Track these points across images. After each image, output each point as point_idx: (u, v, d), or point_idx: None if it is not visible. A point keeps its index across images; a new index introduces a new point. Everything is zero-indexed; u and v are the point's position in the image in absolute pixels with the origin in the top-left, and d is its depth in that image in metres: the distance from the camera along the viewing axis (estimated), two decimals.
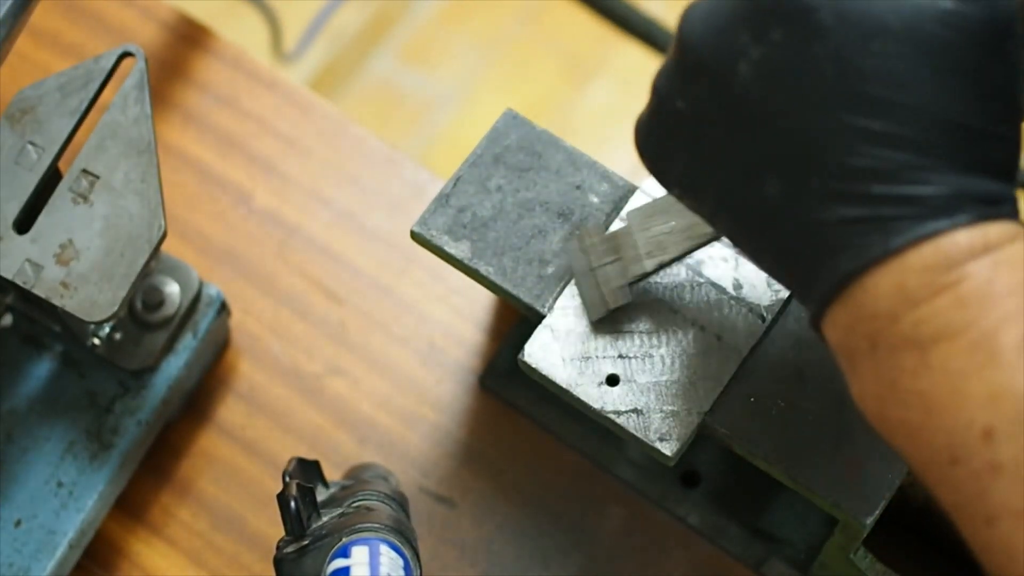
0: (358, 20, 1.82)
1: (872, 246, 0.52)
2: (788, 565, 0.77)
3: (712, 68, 0.54)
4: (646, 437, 0.66)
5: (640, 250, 0.67)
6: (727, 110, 0.54)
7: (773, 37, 0.52)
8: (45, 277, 0.71)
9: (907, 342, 0.51)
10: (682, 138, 0.56)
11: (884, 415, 0.53)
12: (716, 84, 0.54)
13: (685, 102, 0.55)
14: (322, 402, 0.82)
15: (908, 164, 0.51)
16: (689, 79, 0.55)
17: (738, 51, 0.53)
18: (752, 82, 0.53)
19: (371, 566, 0.65)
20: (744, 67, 0.53)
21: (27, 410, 0.78)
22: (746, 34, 0.53)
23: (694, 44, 0.55)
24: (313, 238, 0.86)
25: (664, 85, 0.57)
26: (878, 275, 0.52)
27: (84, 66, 0.73)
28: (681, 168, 0.57)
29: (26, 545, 0.75)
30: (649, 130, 0.58)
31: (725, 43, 0.54)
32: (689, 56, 0.55)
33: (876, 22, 0.51)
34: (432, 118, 1.78)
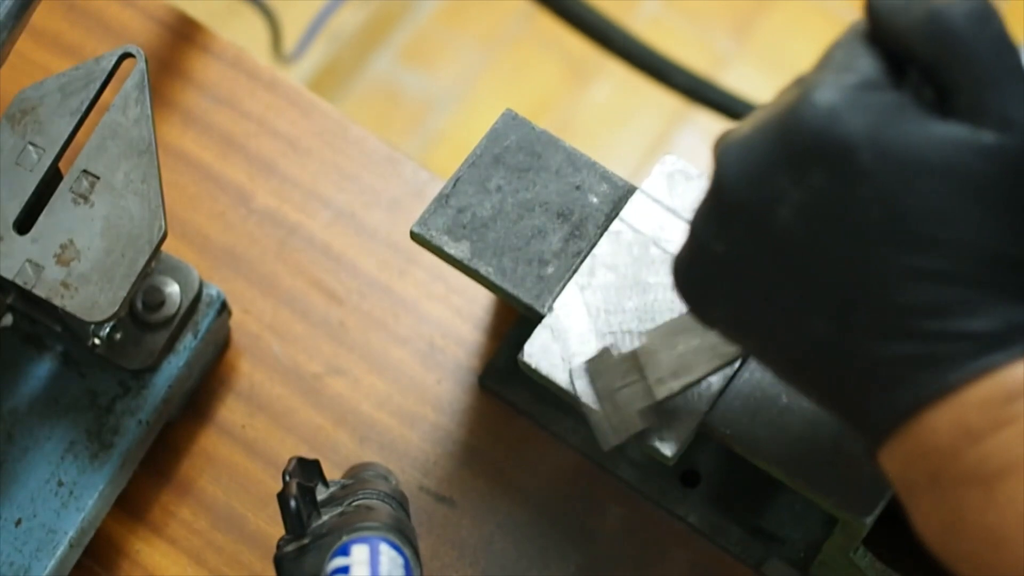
0: (358, 20, 1.82)
1: (929, 383, 0.51)
2: (788, 565, 0.77)
3: (751, 212, 0.53)
4: (646, 437, 0.66)
5: (664, 371, 0.65)
6: (769, 253, 0.53)
7: (813, 181, 0.52)
8: (46, 277, 0.71)
9: (971, 478, 0.51)
10: (723, 280, 0.55)
11: (949, 548, 0.52)
12: (755, 228, 0.53)
13: (724, 245, 0.54)
14: (322, 402, 0.82)
15: (959, 299, 0.51)
16: (727, 223, 0.54)
17: (777, 195, 0.52)
18: (793, 226, 0.52)
19: (371, 565, 0.65)
20: (784, 211, 0.52)
21: (28, 410, 0.78)
22: (784, 178, 0.52)
23: (731, 188, 0.53)
24: (313, 238, 0.86)
25: (701, 227, 0.55)
26: (937, 411, 0.51)
27: (85, 67, 0.73)
28: (723, 309, 0.56)
29: (26, 544, 0.75)
30: (689, 271, 0.57)
31: (763, 187, 0.53)
32: (726, 200, 0.54)
33: (918, 161, 0.51)
34: (432, 118, 1.78)
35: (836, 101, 0.51)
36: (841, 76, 0.52)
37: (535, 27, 1.81)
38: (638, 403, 0.65)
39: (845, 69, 0.52)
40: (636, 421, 0.65)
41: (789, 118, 0.52)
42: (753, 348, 0.57)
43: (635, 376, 0.66)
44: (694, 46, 1.82)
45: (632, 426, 0.65)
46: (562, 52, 1.80)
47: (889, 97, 0.52)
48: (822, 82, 0.52)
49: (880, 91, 0.52)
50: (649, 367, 0.65)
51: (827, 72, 0.52)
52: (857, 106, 0.51)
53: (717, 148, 0.55)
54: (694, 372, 0.65)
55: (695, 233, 0.56)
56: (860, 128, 0.51)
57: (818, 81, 0.52)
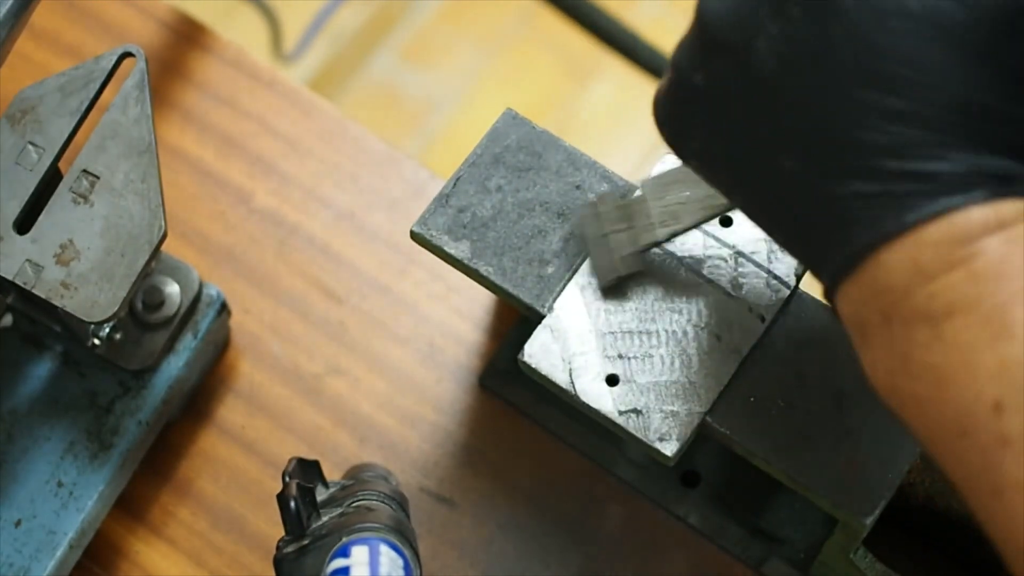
0: (358, 20, 1.82)
1: (886, 221, 0.52)
2: (788, 565, 0.77)
3: (730, 43, 0.54)
4: (646, 437, 0.66)
5: (654, 219, 0.68)
6: (745, 85, 0.54)
7: (791, 13, 0.53)
8: (45, 277, 0.71)
9: (920, 316, 0.52)
10: (700, 112, 0.57)
11: (895, 388, 0.53)
12: (734, 59, 0.54)
13: (703, 77, 0.56)
14: (322, 402, 0.82)
15: (923, 141, 0.52)
16: (707, 54, 0.55)
17: (756, 27, 0.54)
18: (769, 58, 0.53)
19: (371, 566, 0.65)
20: (762, 43, 0.54)
21: (27, 410, 0.78)
22: (764, 9, 0.53)
23: (712, 19, 0.55)
24: (313, 238, 0.86)
25: (682, 60, 0.57)
26: (892, 250, 0.52)
27: (84, 66, 0.73)
28: (699, 141, 0.58)
29: (26, 545, 0.75)
30: (668, 104, 0.58)
31: (743, 19, 0.54)
32: (707, 31, 0.55)
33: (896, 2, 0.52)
34: (432, 118, 1.78)
35: None
36: None
37: (535, 27, 1.81)
38: (626, 248, 0.68)
39: None
40: (630, 262, 0.68)
41: None
42: (725, 183, 0.58)
43: (626, 223, 0.68)
44: None
45: (626, 266, 0.68)
46: (562, 52, 1.80)
47: None
48: None
49: None
50: (639, 215, 0.68)
51: None
52: None
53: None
54: (681, 222, 0.67)
55: (676, 65, 0.57)
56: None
57: None
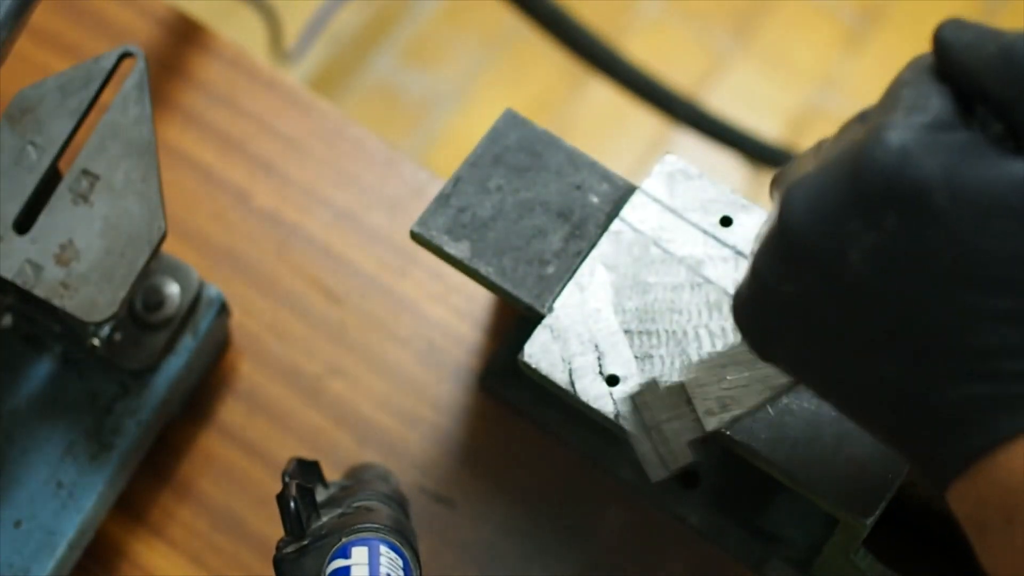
0: (358, 20, 1.82)
1: (1004, 425, 0.51)
2: (788, 565, 0.77)
3: (821, 256, 0.52)
4: None
5: (700, 408, 0.64)
6: (839, 297, 0.52)
7: (886, 224, 0.51)
8: (45, 277, 0.71)
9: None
10: (790, 320, 0.55)
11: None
12: (826, 272, 0.52)
13: (792, 288, 0.54)
14: (322, 402, 0.82)
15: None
16: (795, 266, 0.53)
17: (848, 239, 0.51)
18: (866, 270, 0.51)
19: (371, 566, 0.65)
20: (856, 255, 0.51)
21: (27, 410, 0.78)
22: (856, 221, 0.51)
23: (799, 232, 0.52)
24: (313, 238, 0.86)
25: (767, 269, 0.54)
26: (1012, 451, 0.51)
27: (84, 66, 0.73)
28: (789, 349, 0.56)
29: (26, 546, 0.75)
30: (752, 311, 0.56)
31: (834, 231, 0.52)
32: (794, 243, 0.53)
33: (992, 201, 0.50)
34: (432, 118, 1.78)
35: (908, 142, 0.50)
36: (912, 116, 0.51)
37: (535, 27, 1.81)
38: (687, 435, 0.65)
39: (915, 108, 0.51)
40: (686, 453, 0.65)
41: (860, 159, 0.51)
42: (817, 387, 0.56)
43: (683, 408, 0.65)
44: (694, 46, 1.82)
45: (681, 458, 0.65)
46: (562, 52, 1.80)
47: (961, 136, 0.51)
48: (893, 123, 0.51)
49: (952, 131, 0.51)
50: (698, 399, 0.65)
51: (897, 111, 0.52)
52: (930, 147, 0.50)
53: (779, 187, 0.54)
54: (744, 403, 0.64)
55: (759, 274, 0.55)
56: (933, 169, 0.50)
57: (889, 121, 0.51)
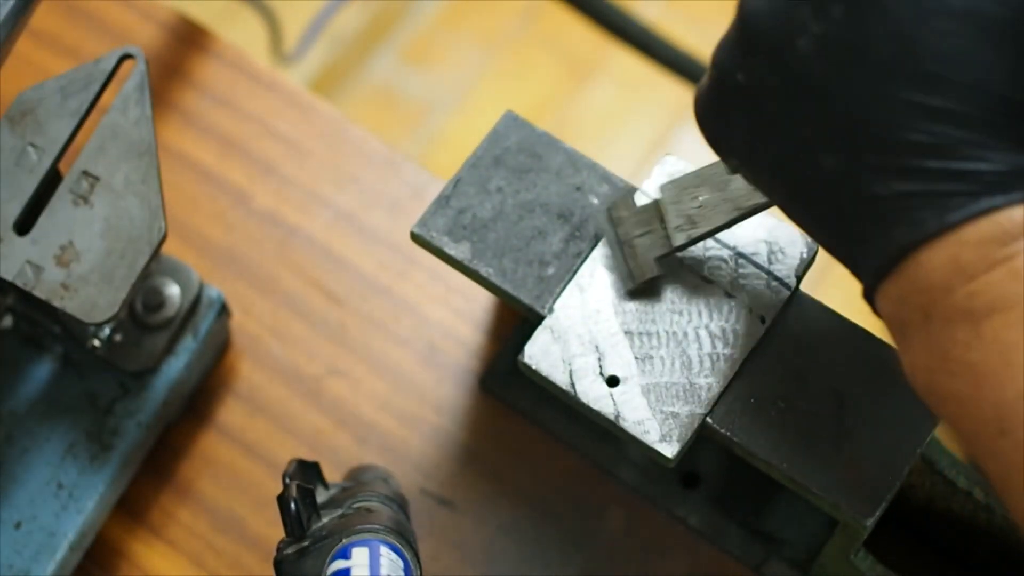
0: (358, 21, 1.82)
1: (928, 221, 0.52)
2: (788, 566, 0.77)
3: (772, 43, 0.55)
4: (646, 438, 0.66)
5: (671, 224, 0.68)
6: (786, 84, 0.55)
7: (833, 13, 0.53)
8: (45, 279, 0.71)
9: (960, 314, 0.52)
10: (741, 110, 0.57)
11: (934, 387, 0.53)
12: (775, 58, 0.55)
13: (744, 75, 0.56)
14: (322, 403, 0.82)
15: (965, 140, 0.52)
16: (748, 52, 0.56)
17: (798, 26, 0.54)
18: (811, 58, 0.54)
19: (371, 567, 0.65)
20: (803, 42, 0.54)
21: (27, 412, 0.78)
22: (806, 9, 0.53)
23: (754, 18, 0.55)
24: (313, 239, 0.86)
25: (724, 58, 0.57)
26: (933, 249, 0.52)
27: (85, 68, 0.73)
28: (739, 139, 0.58)
29: (26, 547, 0.75)
30: (708, 101, 0.59)
31: (785, 18, 0.54)
32: (749, 30, 0.55)
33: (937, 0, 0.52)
34: (432, 119, 1.78)
35: None
36: None
37: (535, 27, 1.81)
38: (656, 250, 0.68)
39: None
40: (653, 266, 0.68)
41: None
42: (763, 181, 0.59)
43: (655, 224, 0.68)
44: (694, 46, 1.82)
45: (648, 271, 0.68)
46: (562, 52, 1.80)
47: None
48: None
49: None
50: (668, 216, 0.68)
51: None
52: None
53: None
54: (712, 222, 0.67)
55: (717, 63, 0.57)
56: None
57: None
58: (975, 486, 0.70)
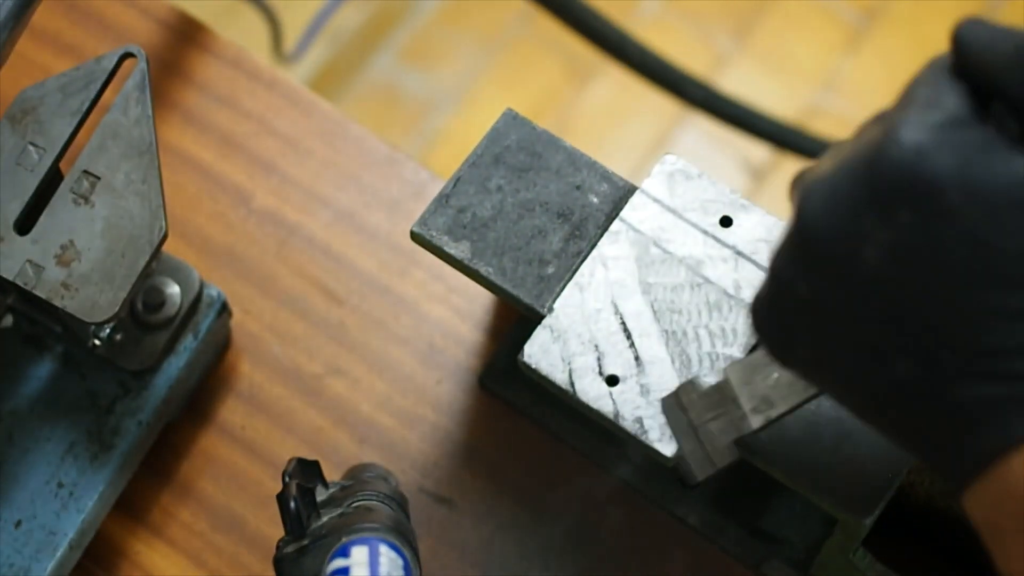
0: (358, 20, 1.82)
1: (1017, 425, 0.50)
2: (788, 565, 0.77)
3: (836, 254, 0.52)
4: (646, 438, 0.67)
5: (746, 406, 0.64)
6: (854, 295, 0.53)
7: (900, 220, 0.51)
8: (46, 278, 0.71)
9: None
10: (806, 321, 0.55)
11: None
12: (841, 270, 0.52)
13: (808, 287, 0.54)
14: (322, 402, 0.82)
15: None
16: (811, 265, 0.53)
17: (863, 236, 0.52)
18: (880, 267, 0.52)
19: (371, 566, 0.65)
20: (871, 252, 0.52)
21: (28, 411, 0.78)
22: (871, 218, 0.51)
23: (815, 229, 0.53)
24: (313, 238, 0.86)
25: (784, 269, 0.55)
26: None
27: (85, 67, 0.73)
28: (805, 350, 0.56)
29: (26, 546, 0.75)
30: (769, 312, 0.56)
31: (849, 228, 0.52)
32: (811, 242, 0.53)
33: (1006, 198, 0.50)
34: (432, 118, 1.78)
35: (923, 139, 0.51)
36: (927, 113, 0.51)
37: (535, 27, 1.81)
38: (732, 433, 0.65)
39: (930, 106, 0.52)
40: (730, 450, 0.65)
41: (875, 157, 0.51)
42: (833, 389, 0.56)
43: (728, 406, 0.65)
44: (694, 46, 1.82)
45: (728, 455, 0.65)
46: (562, 52, 1.80)
47: (976, 134, 0.51)
48: (908, 120, 0.51)
49: (966, 128, 0.51)
50: (743, 397, 0.64)
51: (912, 109, 0.52)
52: (944, 144, 0.50)
53: (797, 188, 0.54)
54: (787, 402, 0.64)
55: (777, 275, 0.55)
56: (948, 166, 0.50)
57: (904, 119, 0.51)
58: None
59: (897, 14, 1.82)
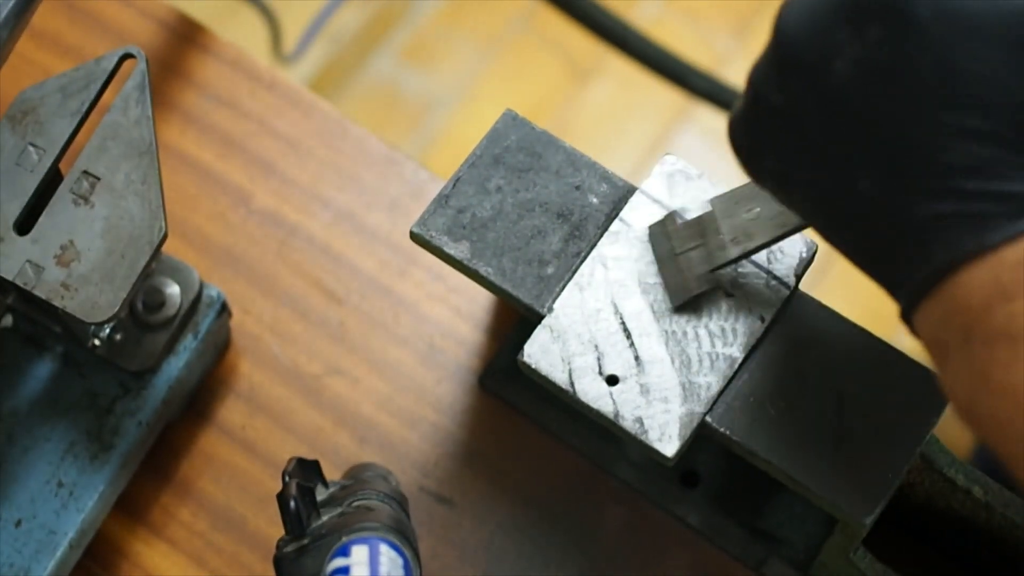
0: (358, 20, 1.82)
1: (966, 241, 0.52)
2: (788, 565, 0.77)
3: (809, 64, 0.54)
4: (646, 437, 0.67)
5: (725, 237, 0.67)
6: (823, 106, 0.54)
7: (870, 35, 0.53)
8: (46, 278, 0.71)
9: (1001, 335, 0.51)
10: (776, 132, 0.57)
11: (974, 407, 0.53)
12: (812, 80, 0.54)
13: (781, 96, 0.56)
14: (322, 402, 0.82)
15: (1003, 161, 0.52)
16: (785, 74, 0.55)
17: (835, 48, 0.53)
18: (848, 79, 0.53)
19: (371, 565, 0.65)
20: (841, 64, 0.53)
21: (28, 411, 0.78)
22: (843, 31, 0.53)
23: (791, 39, 0.55)
24: (313, 238, 0.86)
25: (760, 79, 0.57)
26: (973, 270, 0.52)
27: (85, 67, 0.73)
28: (775, 162, 0.57)
29: (26, 545, 0.75)
30: (743, 123, 0.58)
31: (822, 39, 0.54)
32: (785, 51, 0.55)
33: (975, 21, 0.51)
34: (432, 118, 1.78)
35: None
36: None
37: (535, 27, 1.81)
38: (698, 267, 0.68)
39: None
40: (702, 281, 0.67)
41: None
42: (799, 204, 0.58)
43: (698, 241, 0.67)
44: (694, 46, 1.82)
45: (698, 285, 0.68)
46: (562, 52, 1.80)
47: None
48: None
49: None
50: (711, 233, 0.67)
51: None
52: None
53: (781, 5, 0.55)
54: (755, 239, 0.66)
55: (753, 84, 0.57)
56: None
57: None
58: (974, 484, 0.70)
59: None
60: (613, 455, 0.80)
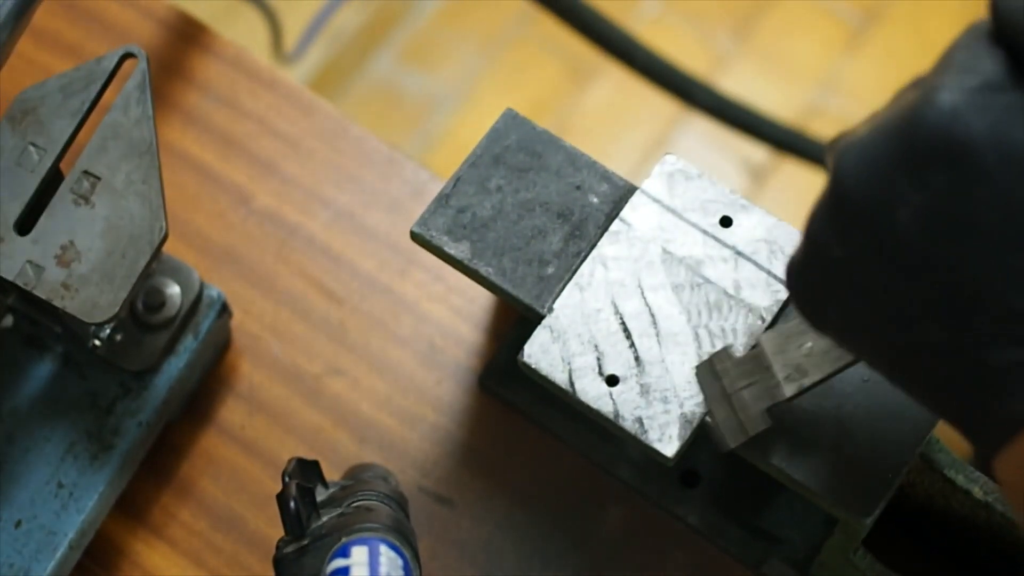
0: (358, 20, 1.82)
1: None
2: (788, 565, 0.77)
3: (871, 216, 0.52)
4: (645, 437, 0.67)
5: (779, 374, 0.65)
6: (888, 257, 0.53)
7: (935, 183, 0.51)
8: (46, 278, 0.71)
9: None
10: (839, 284, 0.55)
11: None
12: (875, 231, 0.52)
13: (842, 249, 0.54)
14: (322, 402, 0.82)
15: None
16: (846, 226, 0.53)
17: (898, 198, 0.52)
18: (913, 228, 0.52)
19: (371, 566, 0.65)
20: (905, 214, 0.52)
21: (28, 411, 0.78)
22: (906, 181, 0.51)
23: (851, 191, 0.53)
24: (313, 238, 0.86)
25: (819, 231, 0.55)
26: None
27: (86, 67, 0.73)
28: (837, 313, 0.56)
29: (26, 546, 0.75)
30: (804, 275, 0.56)
31: (885, 189, 0.52)
32: (845, 202, 0.53)
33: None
34: (432, 118, 1.78)
35: (958, 102, 0.51)
36: (964, 77, 0.51)
37: (535, 27, 1.81)
38: (765, 401, 0.65)
39: (967, 70, 0.51)
40: (759, 421, 0.65)
41: (911, 119, 0.51)
42: (865, 353, 0.57)
43: (762, 374, 0.65)
44: (694, 46, 1.82)
45: (760, 423, 0.65)
46: (562, 52, 1.80)
47: (1012, 98, 0.51)
48: (944, 84, 0.51)
49: (1003, 92, 0.51)
50: (777, 365, 0.65)
51: (949, 74, 0.52)
52: (979, 107, 0.50)
53: (834, 150, 0.54)
54: (810, 376, 0.64)
55: (812, 236, 0.55)
56: (983, 129, 0.50)
57: (940, 83, 0.51)
58: (974, 484, 0.70)
59: (897, 14, 1.82)
60: (613, 455, 0.80)
